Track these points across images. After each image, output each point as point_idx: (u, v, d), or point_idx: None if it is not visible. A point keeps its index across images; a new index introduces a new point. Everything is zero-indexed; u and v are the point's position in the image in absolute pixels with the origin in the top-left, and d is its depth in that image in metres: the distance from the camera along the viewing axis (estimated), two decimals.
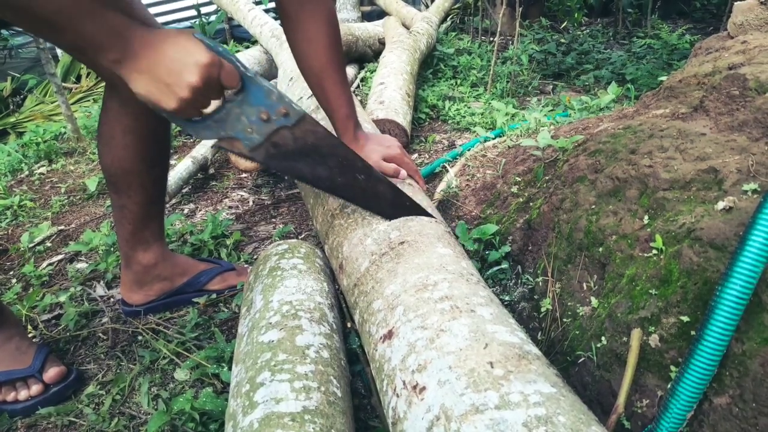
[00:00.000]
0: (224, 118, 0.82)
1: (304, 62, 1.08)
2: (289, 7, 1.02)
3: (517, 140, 1.77)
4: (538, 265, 1.14)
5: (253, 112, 0.83)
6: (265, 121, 0.84)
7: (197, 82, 0.75)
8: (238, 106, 0.82)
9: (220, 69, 0.77)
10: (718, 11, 4.45)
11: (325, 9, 1.03)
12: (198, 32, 0.77)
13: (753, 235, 0.63)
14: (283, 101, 0.83)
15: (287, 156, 0.89)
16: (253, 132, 0.85)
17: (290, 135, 0.86)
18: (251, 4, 3.32)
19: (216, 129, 0.83)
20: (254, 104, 0.82)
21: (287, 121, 0.85)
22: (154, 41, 0.75)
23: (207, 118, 0.82)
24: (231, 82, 0.79)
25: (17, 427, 1.02)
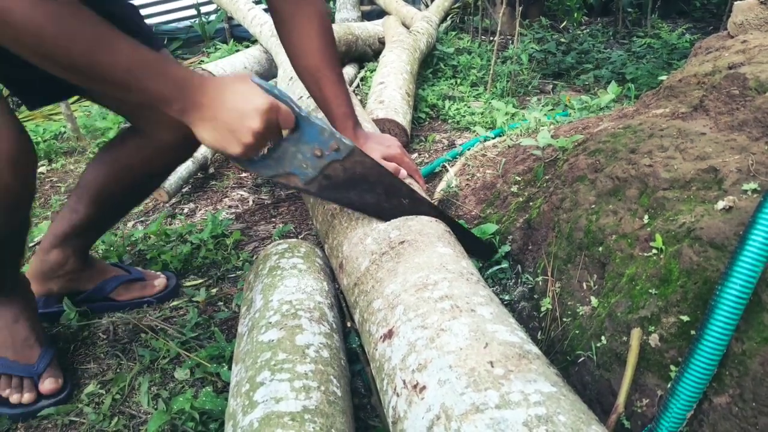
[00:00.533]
0: (282, 156, 0.87)
1: (299, 63, 1.09)
2: (282, 9, 1.03)
3: (517, 140, 1.77)
4: (538, 265, 1.14)
5: (307, 149, 0.87)
6: (319, 156, 0.89)
7: (259, 128, 0.78)
8: (294, 144, 0.86)
9: (278, 112, 0.80)
10: (718, 11, 4.45)
11: (317, 9, 1.04)
12: (254, 76, 0.80)
13: (753, 234, 0.63)
14: (334, 137, 0.88)
15: (338, 186, 0.94)
16: (308, 167, 0.90)
17: (341, 167, 0.91)
18: (251, 4, 3.32)
19: (275, 166, 0.88)
20: (309, 142, 0.87)
21: (338, 155, 0.90)
22: (214, 90, 0.77)
23: (266, 157, 0.86)
24: (288, 124, 0.83)
25: (17, 426, 1.02)
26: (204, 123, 0.79)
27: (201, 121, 0.79)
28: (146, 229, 1.66)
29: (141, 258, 1.54)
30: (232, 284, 1.42)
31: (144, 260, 1.53)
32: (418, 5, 4.60)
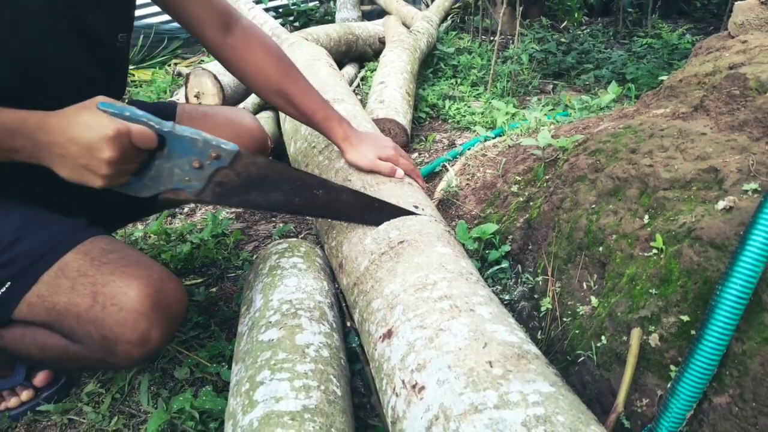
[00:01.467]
0: (157, 175, 0.83)
1: (263, 93, 1.13)
2: (228, 56, 1.08)
3: (517, 139, 1.77)
4: (538, 265, 1.14)
5: (183, 163, 0.83)
6: (199, 168, 0.84)
7: (111, 156, 0.74)
8: (167, 161, 0.82)
9: (128, 135, 0.76)
10: (719, 11, 4.44)
11: (257, 39, 1.09)
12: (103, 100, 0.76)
13: (753, 234, 0.63)
14: (210, 145, 0.83)
15: (236, 191, 0.90)
16: (192, 180, 0.85)
17: (231, 172, 0.87)
18: (251, 3, 3.32)
19: (154, 186, 0.84)
20: (181, 156, 0.82)
21: (222, 162, 0.85)
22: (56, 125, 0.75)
23: (141, 178, 0.83)
24: (146, 143, 0.78)
25: (17, 425, 1.02)
26: (56, 161, 0.76)
27: (52, 159, 0.76)
28: (146, 228, 1.66)
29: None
30: (232, 284, 1.42)
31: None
32: (419, 5, 4.61)
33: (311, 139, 1.42)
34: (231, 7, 1.09)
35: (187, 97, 2.40)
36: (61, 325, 0.85)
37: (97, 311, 0.81)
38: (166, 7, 1.03)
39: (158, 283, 0.85)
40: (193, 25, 1.05)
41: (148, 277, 0.84)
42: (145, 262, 0.87)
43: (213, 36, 1.06)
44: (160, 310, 0.84)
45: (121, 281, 0.82)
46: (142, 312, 0.82)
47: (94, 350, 0.84)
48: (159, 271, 0.87)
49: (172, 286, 0.88)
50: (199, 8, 1.03)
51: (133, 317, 0.81)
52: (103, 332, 0.82)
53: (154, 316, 0.83)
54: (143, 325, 0.82)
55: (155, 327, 0.83)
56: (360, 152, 1.15)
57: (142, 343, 0.83)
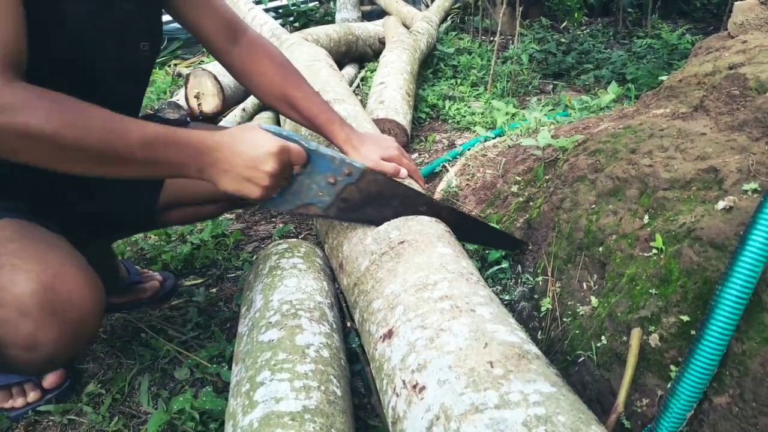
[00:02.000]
0: (298, 189, 0.92)
1: (267, 99, 1.16)
2: (233, 62, 1.12)
3: (517, 140, 1.77)
4: (538, 265, 1.14)
5: (321, 179, 0.92)
6: (333, 184, 0.93)
7: (273, 170, 0.83)
8: (308, 177, 0.91)
9: (288, 152, 0.85)
10: (719, 11, 4.45)
11: (261, 47, 1.13)
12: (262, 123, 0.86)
13: (753, 234, 0.63)
14: (345, 163, 0.92)
15: (356, 207, 0.98)
16: (324, 195, 0.94)
17: (356, 189, 0.96)
18: (251, 4, 3.32)
19: (292, 200, 0.93)
20: (321, 172, 0.91)
21: (351, 179, 0.94)
22: (227, 144, 0.82)
23: (283, 193, 0.91)
24: (300, 160, 0.87)
25: (17, 426, 1.02)
26: (222, 176, 0.84)
27: (219, 174, 0.84)
28: None
29: (141, 257, 1.54)
30: (232, 284, 1.42)
31: (144, 260, 1.53)
32: (419, 5, 4.61)
33: (312, 139, 1.42)
34: (238, 18, 1.12)
35: (187, 97, 2.40)
36: None
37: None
38: (177, 16, 1.05)
39: (50, 279, 0.74)
40: (202, 34, 1.08)
41: (39, 271, 0.74)
42: (44, 256, 0.76)
43: (221, 45, 1.10)
44: (51, 311, 0.74)
45: (8, 275, 0.73)
46: (25, 311, 0.72)
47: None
48: (58, 266, 0.76)
49: (72, 284, 0.76)
50: (208, 19, 1.07)
51: (14, 316, 0.72)
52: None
53: (41, 316, 0.73)
54: (28, 326, 0.73)
55: (44, 330, 0.73)
56: (362, 154, 1.15)
57: (29, 348, 0.74)
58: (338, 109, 1.50)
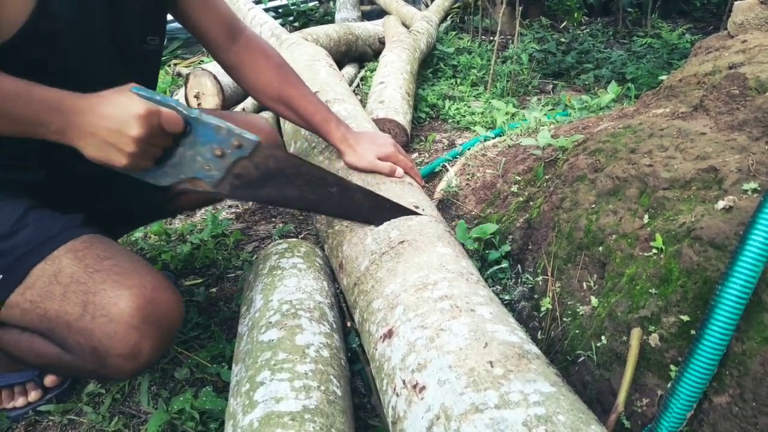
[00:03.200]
0: (179, 162, 0.84)
1: (263, 98, 1.16)
2: (230, 62, 1.12)
3: (517, 139, 1.77)
4: (538, 265, 1.14)
5: (206, 150, 0.84)
6: (221, 156, 0.85)
7: (139, 134, 0.77)
8: (190, 148, 0.83)
9: (158, 116, 0.79)
10: (718, 10, 4.45)
11: (258, 47, 1.13)
12: (135, 86, 0.79)
13: (753, 234, 0.63)
14: (233, 134, 0.84)
15: (252, 184, 0.90)
16: (212, 169, 0.86)
17: (250, 164, 0.88)
18: (251, 3, 3.31)
19: (174, 173, 0.85)
20: (205, 143, 0.83)
21: (243, 152, 0.86)
22: (90, 105, 0.77)
23: (162, 165, 0.84)
24: (173, 127, 0.81)
25: (17, 425, 1.02)
26: (84, 139, 0.78)
27: (81, 138, 0.78)
28: (147, 228, 1.66)
29: (141, 257, 1.54)
30: (232, 284, 1.42)
31: (144, 259, 1.53)
32: (418, 5, 4.61)
33: (311, 139, 1.42)
34: (237, 18, 1.13)
35: (187, 97, 2.40)
36: (53, 334, 0.83)
37: (87, 321, 0.79)
38: (176, 14, 1.05)
39: (151, 294, 0.81)
40: (201, 33, 1.08)
41: (140, 287, 0.81)
42: (139, 271, 0.84)
43: (219, 44, 1.10)
44: (152, 322, 0.81)
45: (112, 291, 0.79)
46: (133, 324, 0.79)
47: (85, 361, 0.82)
48: (153, 281, 0.83)
49: (166, 297, 0.84)
50: (208, 18, 1.07)
51: (123, 329, 0.78)
52: (93, 344, 0.79)
53: (145, 328, 0.80)
54: (133, 337, 0.79)
55: (146, 340, 0.80)
56: (358, 154, 1.15)
57: (132, 357, 0.80)
58: (338, 109, 1.50)
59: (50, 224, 0.86)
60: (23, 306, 0.82)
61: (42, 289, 0.81)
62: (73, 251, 0.83)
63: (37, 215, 0.87)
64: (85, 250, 0.84)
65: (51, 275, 0.81)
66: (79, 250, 0.84)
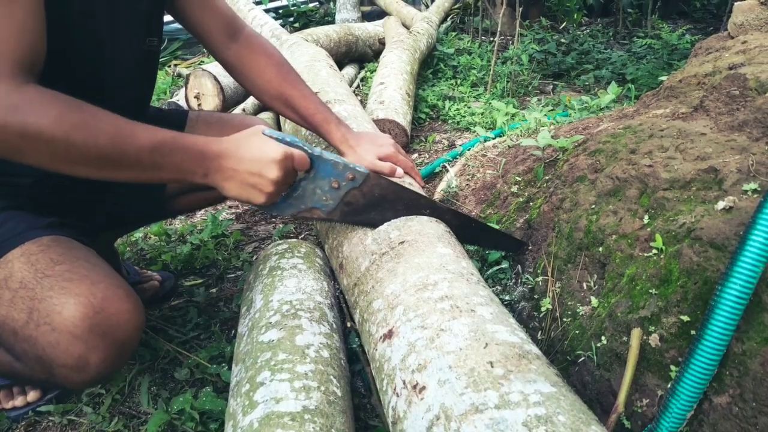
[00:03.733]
0: (302, 194, 0.93)
1: (264, 97, 1.16)
2: (232, 61, 1.12)
3: (517, 140, 1.77)
4: (538, 265, 1.14)
5: (325, 184, 0.93)
6: (336, 188, 0.94)
7: (278, 177, 0.83)
8: (312, 182, 0.92)
9: (293, 159, 0.85)
10: (719, 11, 4.45)
11: (260, 46, 1.13)
12: (265, 128, 0.86)
13: (753, 234, 0.63)
14: (348, 168, 0.93)
15: (359, 211, 0.99)
16: (328, 199, 0.95)
17: (359, 193, 0.96)
18: (251, 4, 3.32)
19: (296, 204, 0.93)
20: (325, 177, 0.92)
21: (355, 183, 0.95)
22: (231, 150, 0.83)
23: (287, 198, 0.91)
24: (303, 167, 0.88)
25: (17, 425, 1.02)
26: (227, 182, 0.84)
27: (224, 180, 0.84)
28: (147, 228, 1.66)
29: (141, 258, 1.54)
30: (232, 284, 1.42)
31: (144, 260, 1.53)
32: (419, 6, 4.61)
33: (311, 139, 1.42)
34: (237, 17, 1.13)
35: (187, 97, 2.40)
36: (1, 340, 0.79)
37: (31, 329, 0.75)
38: (176, 14, 1.05)
39: (100, 303, 0.76)
40: (201, 32, 1.08)
41: (89, 294, 0.76)
42: (91, 278, 0.78)
43: (219, 43, 1.10)
44: (101, 334, 0.75)
45: (58, 298, 0.75)
46: (77, 334, 0.74)
47: (33, 370, 0.79)
48: (105, 289, 0.78)
49: (118, 307, 0.78)
50: (208, 17, 1.07)
51: (65, 339, 0.74)
52: (37, 352, 0.75)
53: (91, 339, 0.75)
54: (78, 348, 0.74)
55: (94, 351, 0.75)
56: (358, 154, 1.15)
57: (79, 368, 0.75)
58: (338, 110, 1.50)
59: (13, 225, 0.83)
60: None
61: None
62: (27, 255, 0.79)
63: (6, 216, 0.84)
64: (40, 254, 0.80)
65: (2, 279, 0.78)
66: (33, 253, 0.80)
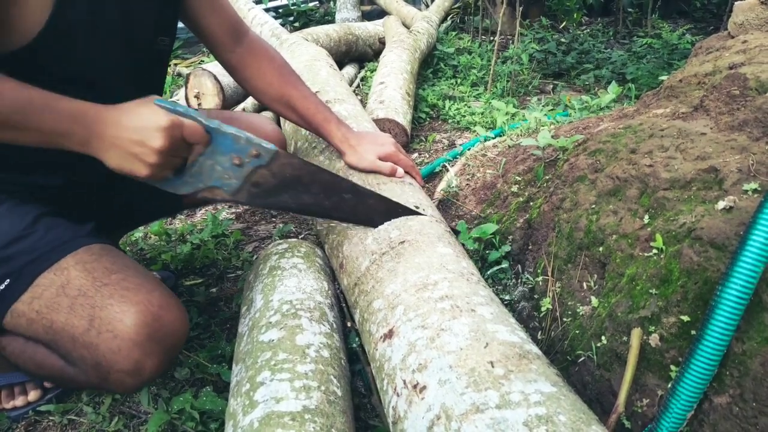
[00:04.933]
0: (199, 171, 0.86)
1: (265, 99, 1.16)
2: (233, 63, 1.13)
3: (517, 140, 1.77)
4: (539, 265, 1.14)
5: (225, 159, 0.86)
6: (239, 165, 0.86)
7: (162, 145, 0.78)
8: (210, 158, 0.85)
9: (181, 128, 0.80)
10: (719, 11, 4.45)
11: (261, 48, 1.14)
12: (158, 98, 0.81)
13: (753, 234, 0.63)
14: (252, 143, 0.86)
15: (269, 192, 0.92)
16: (231, 178, 0.87)
17: (268, 172, 0.89)
18: (251, 4, 3.32)
19: (193, 182, 0.87)
20: (224, 152, 0.85)
21: (261, 160, 0.87)
22: (113, 117, 0.79)
23: (182, 175, 0.85)
24: (196, 138, 0.82)
25: (17, 425, 1.02)
26: (108, 150, 0.80)
27: (104, 149, 0.80)
28: (147, 228, 1.66)
29: (141, 257, 1.54)
30: (232, 284, 1.42)
31: (144, 260, 1.53)
32: (419, 5, 4.61)
33: (312, 139, 1.42)
34: (242, 21, 1.14)
35: (187, 97, 2.40)
36: (57, 345, 0.82)
37: (92, 336, 0.78)
38: (184, 15, 1.05)
39: (157, 311, 0.81)
40: (206, 34, 1.09)
41: (147, 303, 0.80)
42: (146, 286, 0.83)
43: (223, 45, 1.10)
44: (157, 340, 0.80)
45: (119, 306, 0.79)
46: (137, 341, 0.78)
47: (88, 375, 0.82)
48: (160, 297, 0.83)
49: (172, 315, 0.83)
50: (215, 20, 1.08)
51: (127, 346, 0.78)
52: (97, 358, 0.79)
53: (149, 345, 0.79)
54: (137, 354, 0.78)
55: (150, 357, 0.80)
56: (359, 154, 1.15)
57: (135, 373, 0.79)
58: (338, 109, 1.50)
59: (60, 232, 0.86)
60: (30, 316, 0.81)
61: (49, 300, 0.80)
62: (82, 263, 0.83)
63: (47, 222, 0.87)
64: (94, 263, 0.83)
65: (59, 286, 0.81)
66: (88, 261, 0.83)
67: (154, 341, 0.80)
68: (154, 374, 0.82)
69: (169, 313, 0.83)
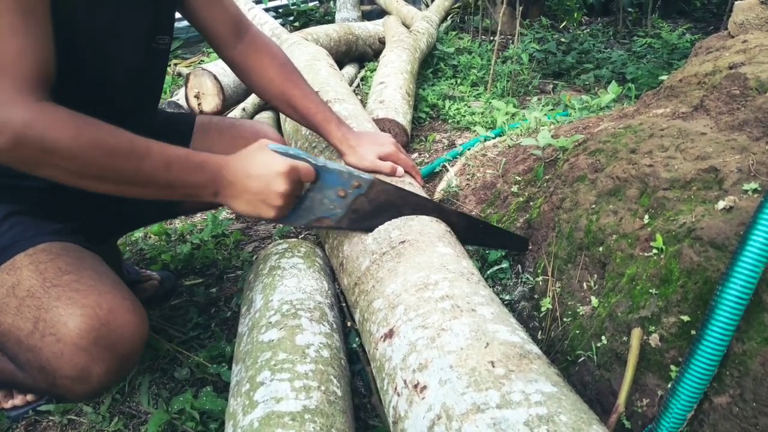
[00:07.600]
0: (310, 205, 0.94)
1: (266, 95, 1.17)
2: (235, 59, 1.13)
3: (517, 139, 1.77)
4: (539, 265, 1.14)
5: (331, 193, 0.94)
6: (343, 197, 0.95)
7: (285, 190, 0.85)
8: (319, 193, 0.94)
9: (297, 171, 0.86)
10: (719, 10, 4.45)
11: (264, 45, 1.15)
12: (270, 143, 0.88)
13: (753, 234, 0.63)
14: (353, 176, 0.94)
15: (366, 217, 1.00)
16: (336, 208, 0.96)
17: (365, 200, 0.97)
18: (251, 3, 3.31)
19: (306, 216, 0.95)
20: (331, 186, 0.94)
21: (361, 190, 0.96)
22: (237, 166, 0.85)
23: (296, 209, 0.93)
24: (309, 178, 0.89)
25: (18, 426, 1.02)
26: (236, 198, 0.86)
27: (233, 197, 0.86)
28: (147, 228, 1.66)
29: (141, 257, 1.54)
30: (232, 284, 1.42)
31: (144, 260, 1.53)
32: (419, 5, 4.61)
33: (312, 138, 1.42)
34: (244, 16, 1.13)
35: (187, 97, 2.40)
36: (5, 348, 0.78)
37: (36, 339, 0.74)
38: (184, 11, 1.06)
39: (105, 315, 0.75)
40: (208, 30, 1.09)
41: (95, 306, 0.75)
42: (99, 289, 0.77)
43: (225, 42, 1.11)
44: (106, 346, 0.75)
45: (65, 309, 0.74)
46: (82, 346, 0.73)
47: (36, 380, 0.78)
48: (111, 300, 0.77)
49: (124, 320, 0.77)
50: (216, 15, 1.08)
51: (70, 350, 0.73)
52: (41, 362, 0.74)
53: (96, 351, 0.74)
54: (82, 360, 0.73)
55: (98, 363, 0.74)
56: (359, 154, 1.15)
57: (81, 380, 0.75)
58: (338, 109, 1.50)
59: (21, 229, 0.83)
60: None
61: None
62: (36, 263, 0.79)
63: (14, 221, 0.84)
64: (48, 263, 0.79)
65: (9, 287, 0.77)
66: (42, 261, 0.79)
67: (102, 347, 0.75)
68: (105, 382, 0.77)
69: (121, 317, 0.77)
